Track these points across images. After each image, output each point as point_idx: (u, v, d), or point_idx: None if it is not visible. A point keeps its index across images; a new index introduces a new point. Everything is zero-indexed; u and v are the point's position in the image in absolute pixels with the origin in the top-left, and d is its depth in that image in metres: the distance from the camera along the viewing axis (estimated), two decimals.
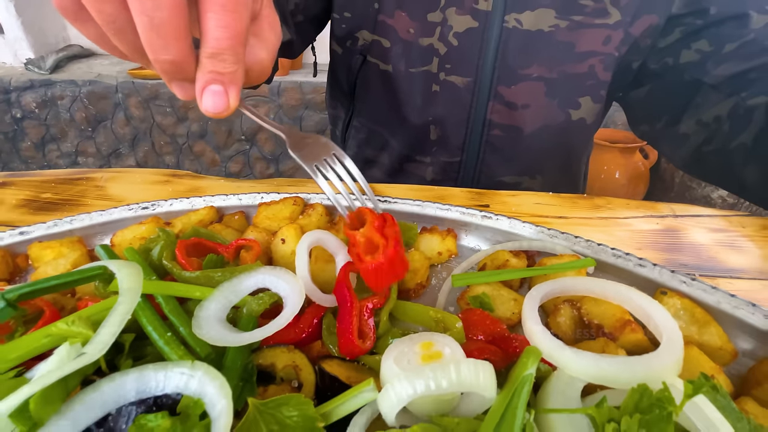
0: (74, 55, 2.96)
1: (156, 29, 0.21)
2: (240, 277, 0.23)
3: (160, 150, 2.94)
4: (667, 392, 0.15)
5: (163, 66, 0.23)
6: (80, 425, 0.15)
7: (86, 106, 2.81)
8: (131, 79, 2.64)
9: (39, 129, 2.99)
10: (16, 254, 0.30)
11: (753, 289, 0.32)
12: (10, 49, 2.91)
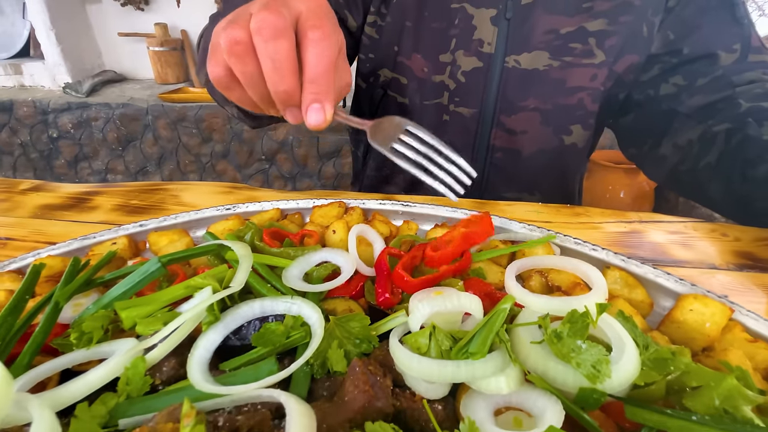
0: (108, 80, 3.15)
1: (274, 66, 0.32)
2: (310, 253, 0.34)
3: (185, 168, 3.08)
4: (587, 313, 0.25)
5: (280, 96, 0.34)
6: (229, 328, 0.26)
7: (118, 127, 2.98)
8: (161, 102, 2.81)
9: (73, 148, 3.16)
10: (136, 241, 0.41)
11: (693, 275, 0.41)
12: (49, 74, 3.12)
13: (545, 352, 0.24)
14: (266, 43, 0.32)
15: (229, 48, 0.33)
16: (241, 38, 0.32)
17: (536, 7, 0.69)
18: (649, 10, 0.69)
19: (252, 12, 0.33)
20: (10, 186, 0.62)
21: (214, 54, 0.36)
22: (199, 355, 0.24)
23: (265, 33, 0.31)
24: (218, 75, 0.35)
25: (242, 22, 0.33)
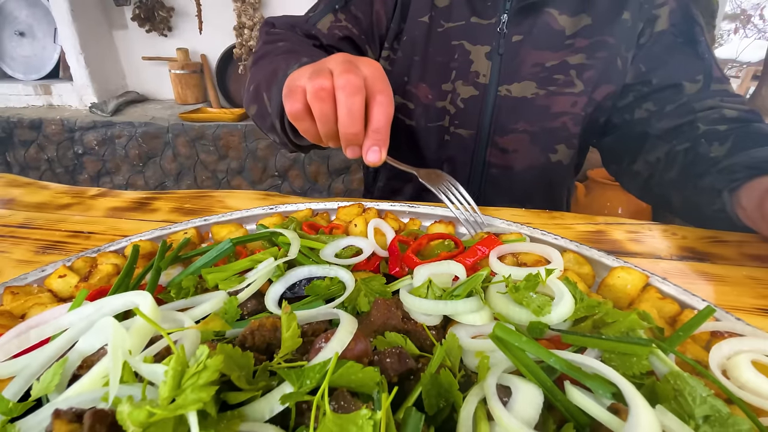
0: (132, 100, 3.33)
1: (350, 114, 0.44)
2: (339, 239, 0.45)
3: (201, 184, 3.21)
4: (539, 275, 0.36)
5: (348, 136, 0.45)
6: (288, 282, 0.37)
7: (140, 144, 3.13)
8: (181, 121, 2.96)
9: (96, 164, 3.32)
10: (201, 232, 0.52)
11: (641, 263, 0.51)
12: (77, 94, 3.31)
13: (507, 299, 0.34)
14: (347, 97, 0.43)
15: (314, 92, 0.44)
16: (327, 87, 0.44)
17: (524, 44, 0.81)
18: (622, 47, 0.80)
19: (332, 68, 0.45)
20: (80, 192, 0.75)
21: (293, 94, 0.47)
22: (272, 294, 0.35)
23: (348, 90, 0.43)
24: (296, 110, 0.47)
25: (327, 75, 0.44)
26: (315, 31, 0.81)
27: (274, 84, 0.61)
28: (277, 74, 0.61)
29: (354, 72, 0.43)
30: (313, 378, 0.22)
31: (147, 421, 0.17)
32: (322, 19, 0.82)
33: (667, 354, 0.30)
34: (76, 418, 0.19)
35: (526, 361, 0.26)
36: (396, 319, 0.31)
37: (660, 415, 0.24)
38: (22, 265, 0.53)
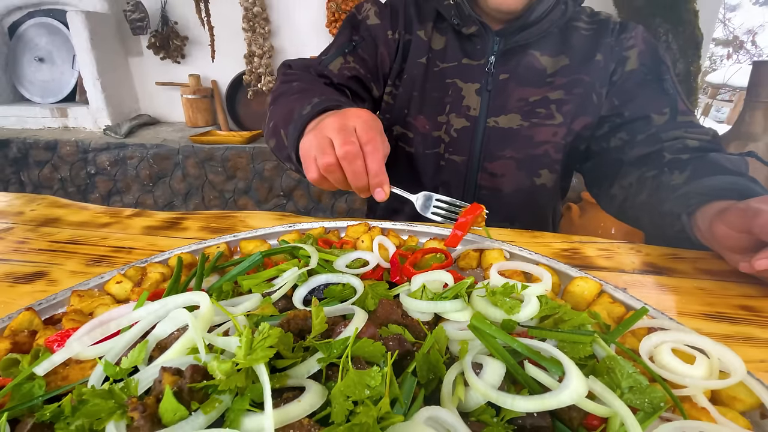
0: (144, 123, 3.47)
1: (355, 175, 0.55)
2: (348, 253, 0.54)
3: (209, 203, 3.31)
4: (515, 286, 0.44)
5: (358, 187, 0.58)
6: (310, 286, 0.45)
7: (151, 165, 3.25)
8: (191, 143, 3.08)
9: (108, 183, 3.43)
10: (231, 247, 0.61)
11: (606, 276, 0.60)
12: (92, 117, 3.45)
13: (486, 301, 0.43)
14: (349, 164, 0.56)
15: (325, 168, 0.58)
16: (333, 162, 0.57)
17: (510, 82, 0.91)
18: (597, 84, 0.91)
19: (332, 138, 0.57)
20: (116, 213, 0.84)
21: (309, 164, 0.60)
22: (297, 295, 0.44)
23: (348, 159, 0.56)
24: (316, 178, 0.60)
25: (331, 152, 0.57)
26: (327, 72, 0.92)
27: (290, 123, 0.71)
28: (293, 114, 0.72)
29: (348, 140, 0.56)
30: (338, 348, 0.30)
31: (232, 370, 0.26)
32: (333, 62, 0.92)
33: (609, 344, 0.39)
34: (177, 372, 0.27)
35: (494, 344, 0.34)
36: (397, 315, 0.39)
37: (591, 383, 0.32)
38: (75, 275, 0.62)
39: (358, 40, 0.94)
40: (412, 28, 0.94)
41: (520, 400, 0.29)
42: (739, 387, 0.36)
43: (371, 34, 0.94)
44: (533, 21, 0.86)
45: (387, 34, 0.94)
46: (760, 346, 0.48)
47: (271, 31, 3.07)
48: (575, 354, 0.36)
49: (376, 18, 0.95)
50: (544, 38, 0.90)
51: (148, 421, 0.25)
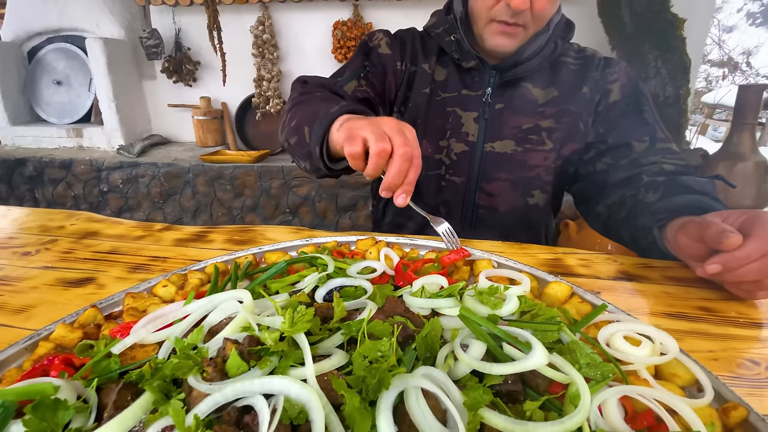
0: (156, 143, 3.60)
1: (399, 174, 0.60)
2: (359, 262, 0.63)
3: (217, 220, 3.41)
4: (498, 288, 0.53)
5: (390, 186, 0.61)
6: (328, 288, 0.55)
7: (162, 183, 3.36)
8: (202, 162, 3.20)
9: (119, 200, 3.54)
10: (257, 257, 0.70)
11: (583, 282, 0.69)
12: (106, 137, 3.58)
13: (474, 299, 0.52)
14: (402, 163, 0.59)
15: (378, 152, 0.59)
16: (387, 150, 0.60)
17: (505, 111, 1.01)
18: (583, 114, 1.01)
19: (390, 135, 0.61)
20: (148, 227, 0.94)
21: (353, 139, 0.63)
22: (318, 294, 0.53)
23: (403, 158, 0.60)
24: (356, 152, 0.62)
25: (387, 141, 0.60)
26: (341, 92, 0.99)
27: (316, 121, 0.77)
28: (318, 114, 0.78)
29: (407, 145, 0.61)
30: (357, 327, 0.39)
31: (276, 337, 0.35)
32: (348, 84, 1.02)
33: (575, 333, 0.47)
34: (235, 342, 0.36)
35: (478, 329, 0.43)
36: (401, 309, 0.48)
37: (553, 358, 0.41)
38: (120, 281, 0.71)
39: (369, 65, 1.05)
40: (417, 61, 1.05)
41: (497, 366, 0.37)
42: (678, 365, 0.44)
43: (381, 62, 1.05)
44: (526, 58, 0.97)
45: (396, 65, 1.05)
46: (710, 339, 0.56)
47: (280, 57, 3.23)
48: (545, 339, 0.45)
49: (387, 48, 1.06)
50: (535, 72, 1.00)
51: (218, 374, 0.33)
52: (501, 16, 0.88)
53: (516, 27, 0.89)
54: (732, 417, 0.39)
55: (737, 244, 0.56)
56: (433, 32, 1.03)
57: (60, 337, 0.50)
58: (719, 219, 0.61)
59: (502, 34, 0.91)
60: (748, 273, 0.57)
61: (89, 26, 3.40)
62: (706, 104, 8.90)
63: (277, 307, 0.41)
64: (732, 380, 0.49)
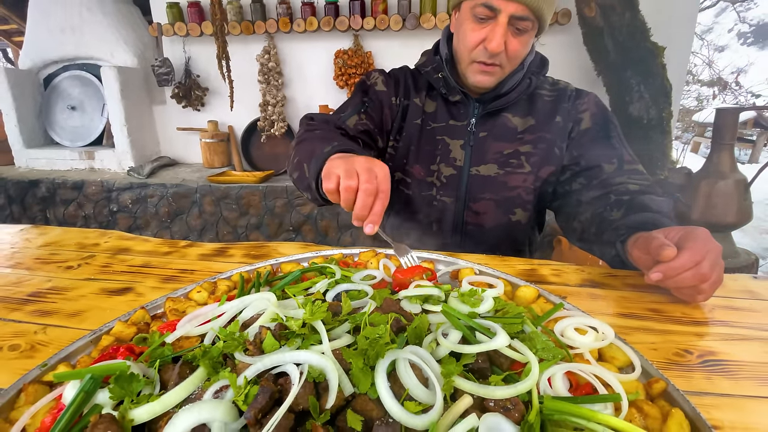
0: (164, 164, 3.74)
1: (364, 206, 0.71)
2: (362, 271, 0.75)
3: (222, 238, 3.52)
4: (477, 291, 0.65)
5: (359, 216, 0.73)
6: (336, 291, 0.66)
7: (170, 203, 3.49)
8: (209, 183, 3.33)
9: (128, 220, 3.65)
10: (274, 267, 0.82)
11: (553, 289, 0.80)
12: (116, 159, 3.72)
13: (457, 300, 0.63)
14: (365, 197, 0.71)
15: (345, 188, 0.72)
16: (354, 187, 0.72)
17: (488, 138, 1.14)
18: (557, 140, 1.14)
19: (359, 172, 0.72)
20: (173, 244, 1.05)
21: (329, 177, 0.75)
22: (329, 296, 0.64)
23: (366, 192, 0.71)
24: (330, 189, 0.75)
25: (355, 178, 0.71)
26: (344, 126, 1.13)
27: (312, 158, 0.90)
28: (315, 152, 0.90)
29: (372, 180, 0.72)
30: (360, 318, 0.50)
31: (300, 324, 0.46)
32: (350, 118, 1.15)
33: (536, 326, 0.59)
34: (268, 328, 0.47)
35: (456, 321, 0.55)
36: (396, 307, 0.60)
37: (514, 343, 0.52)
38: (155, 290, 0.82)
39: (368, 101, 1.18)
40: (410, 95, 1.19)
41: (467, 347, 0.49)
42: (617, 350, 0.56)
43: (378, 98, 1.19)
44: (505, 92, 1.10)
45: (391, 100, 1.19)
46: (654, 334, 0.67)
47: (284, 83, 3.40)
48: (511, 330, 0.56)
49: (383, 86, 1.20)
50: (514, 104, 1.14)
51: (257, 350, 0.45)
52: (480, 58, 1.01)
53: (493, 66, 1.02)
54: (654, 388, 0.50)
55: (672, 255, 0.67)
56: (423, 70, 1.17)
57: (118, 332, 0.61)
58: (662, 235, 0.73)
59: (482, 72, 1.04)
60: (684, 280, 0.68)
61: (104, 55, 3.59)
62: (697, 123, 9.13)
63: (299, 303, 0.52)
64: (667, 365, 0.60)
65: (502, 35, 0.96)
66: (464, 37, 1.03)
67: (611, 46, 2.77)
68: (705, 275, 0.67)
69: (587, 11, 2.72)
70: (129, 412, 0.42)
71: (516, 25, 0.97)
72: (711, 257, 0.67)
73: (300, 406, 0.39)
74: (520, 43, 1.00)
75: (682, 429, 0.42)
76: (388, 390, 0.40)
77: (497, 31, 0.95)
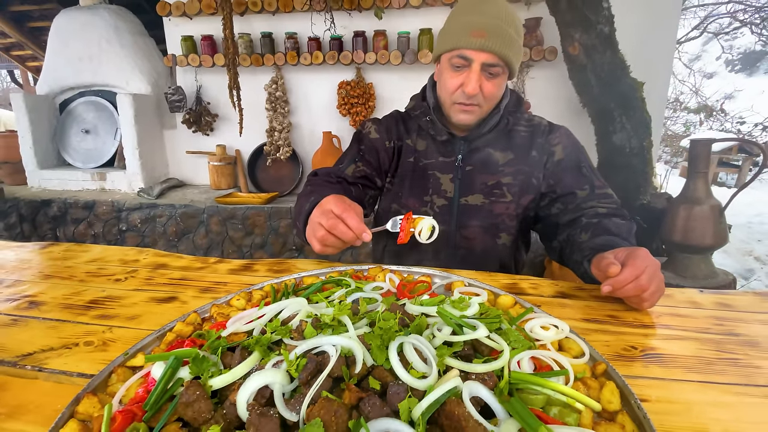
0: (173, 185, 3.90)
1: (342, 234, 0.87)
2: (371, 283, 0.91)
3: (228, 256, 3.66)
4: (465, 298, 0.81)
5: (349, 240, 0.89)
6: (354, 297, 0.82)
7: (178, 222, 3.63)
8: (216, 204, 3.49)
9: (136, 238, 3.79)
10: (297, 281, 0.98)
11: (530, 300, 0.96)
12: (127, 180, 3.89)
13: (450, 306, 0.79)
14: (335, 230, 0.84)
15: (321, 239, 0.87)
16: (324, 234, 0.86)
17: (474, 172, 1.32)
18: (534, 171, 1.31)
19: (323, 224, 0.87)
20: (204, 260, 1.21)
21: (312, 241, 0.92)
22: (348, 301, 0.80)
23: (333, 226, 0.85)
24: (320, 249, 0.89)
25: (320, 228, 0.87)
26: (343, 175, 1.30)
27: (300, 215, 1.07)
28: (302, 210, 1.07)
29: (329, 216, 0.87)
30: (375, 315, 0.66)
31: (331, 318, 0.62)
32: (348, 168, 1.33)
33: (512, 325, 0.75)
34: (306, 321, 0.63)
35: (447, 320, 0.71)
36: (401, 310, 0.76)
37: (492, 335, 0.68)
38: (196, 299, 0.98)
39: (364, 149, 1.36)
40: (402, 138, 1.37)
41: (455, 338, 0.65)
42: (573, 343, 0.72)
43: (373, 145, 1.36)
44: (486, 131, 1.28)
45: (385, 144, 1.36)
46: (609, 334, 0.83)
47: (290, 111, 3.62)
48: (490, 327, 0.72)
49: (376, 133, 1.34)
50: (495, 140, 1.31)
51: (300, 336, 0.60)
52: (460, 99, 1.16)
53: (472, 106, 1.17)
54: (597, 369, 0.66)
55: (617, 272, 0.84)
56: (413, 114, 1.33)
57: (179, 329, 0.77)
58: (612, 255, 0.90)
59: (462, 112, 1.19)
60: (627, 291, 0.84)
61: (120, 83, 3.81)
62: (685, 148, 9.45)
63: (328, 304, 0.68)
64: (616, 357, 0.76)
65: (477, 80, 1.12)
66: (445, 84, 1.19)
67: (594, 81, 3.01)
68: (643, 286, 0.83)
69: (571, 50, 2.97)
70: (208, 381, 0.57)
71: (488, 71, 1.12)
72: (649, 271, 0.83)
73: (336, 374, 0.54)
74: (493, 86, 1.15)
75: (612, 395, 0.58)
76: (398, 362, 0.56)
77: (472, 77, 1.12)
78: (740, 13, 8.62)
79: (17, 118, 3.81)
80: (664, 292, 0.89)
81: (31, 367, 0.73)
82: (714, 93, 12.08)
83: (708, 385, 0.68)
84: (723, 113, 11.12)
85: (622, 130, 3.07)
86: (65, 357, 0.76)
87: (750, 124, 10.66)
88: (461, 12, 1.14)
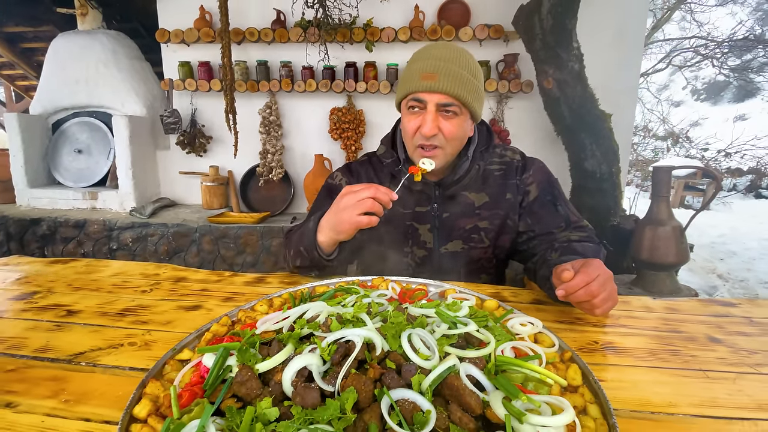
0: (165, 205, 3.98)
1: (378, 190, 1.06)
2: (377, 291, 1.06)
3: None
4: (458, 302, 0.97)
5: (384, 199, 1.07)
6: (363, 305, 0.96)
7: (170, 241, 3.70)
8: (208, 223, 3.58)
9: (126, 257, 3.83)
10: (310, 290, 1.12)
11: (514, 305, 1.12)
12: (119, 200, 3.95)
13: (445, 308, 0.95)
14: (383, 199, 1.05)
15: (371, 207, 1.02)
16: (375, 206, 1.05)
17: (451, 218, 1.37)
18: (510, 213, 1.33)
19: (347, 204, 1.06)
20: (220, 274, 1.34)
21: (357, 207, 1.03)
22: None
23: (380, 199, 1.06)
24: (371, 207, 1.05)
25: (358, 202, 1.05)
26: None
27: (305, 237, 1.17)
28: (303, 235, 1.17)
29: (374, 190, 1.02)
30: (386, 314, 0.81)
31: (351, 316, 0.76)
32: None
33: (496, 323, 0.90)
34: (331, 318, 0.78)
35: (445, 319, 0.86)
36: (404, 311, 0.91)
37: (482, 330, 0.84)
38: (220, 306, 1.11)
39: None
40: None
41: (451, 331, 0.80)
42: (546, 336, 0.88)
43: None
44: (459, 177, 1.27)
45: None
46: (576, 332, 1.00)
47: (283, 134, 3.78)
48: (479, 325, 0.88)
49: (346, 183, 1.36)
50: (469, 184, 1.30)
51: (326, 329, 0.75)
52: (419, 141, 1.18)
53: (435, 149, 1.19)
54: (565, 356, 0.82)
55: (569, 277, 0.98)
56: (385, 161, 1.34)
57: (215, 330, 0.90)
58: (569, 264, 1.05)
59: (425, 156, 1.20)
60: (578, 296, 0.97)
61: (115, 104, 3.91)
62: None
63: (347, 304, 0.83)
64: (581, 349, 0.92)
65: (432, 120, 1.13)
66: (405, 128, 1.22)
67: (567, 112, 3.28)
68: (593, 293, 0.96)
69: (546, 83, 3.25)
70: (255, 366, 0.71)
71: (445, 110, 1.14)
72: (600, 279, 0.98)
73: (360, 357, 0.69)
74: (453, 126, 1.16)
75: (576, 373, 0.74)
76: (409, 348, 0.71)
77: (427, 117, 1.13)
78: (702, 48, 9.29)
79: (9, 138, 3.86)
80: (618, 301, 1.04)
81: (86, 364, 0.85)
82: (681, 121, 12.84)
83: (652, 369, 0.85)
84: (688, 140, 11.87)
85: (593, 157, 3.33)
86: (114, 355, 0.88)
87: (713, 151, 11.32)
88: (414, 60, 1.19)
